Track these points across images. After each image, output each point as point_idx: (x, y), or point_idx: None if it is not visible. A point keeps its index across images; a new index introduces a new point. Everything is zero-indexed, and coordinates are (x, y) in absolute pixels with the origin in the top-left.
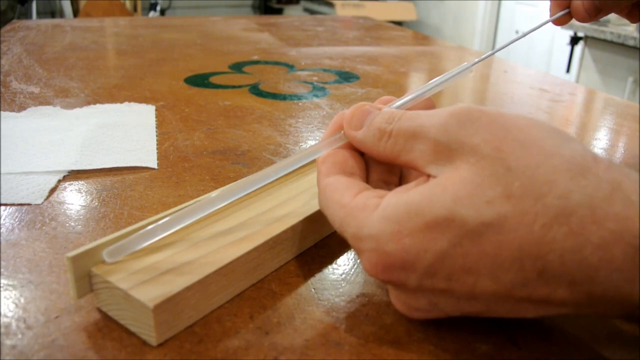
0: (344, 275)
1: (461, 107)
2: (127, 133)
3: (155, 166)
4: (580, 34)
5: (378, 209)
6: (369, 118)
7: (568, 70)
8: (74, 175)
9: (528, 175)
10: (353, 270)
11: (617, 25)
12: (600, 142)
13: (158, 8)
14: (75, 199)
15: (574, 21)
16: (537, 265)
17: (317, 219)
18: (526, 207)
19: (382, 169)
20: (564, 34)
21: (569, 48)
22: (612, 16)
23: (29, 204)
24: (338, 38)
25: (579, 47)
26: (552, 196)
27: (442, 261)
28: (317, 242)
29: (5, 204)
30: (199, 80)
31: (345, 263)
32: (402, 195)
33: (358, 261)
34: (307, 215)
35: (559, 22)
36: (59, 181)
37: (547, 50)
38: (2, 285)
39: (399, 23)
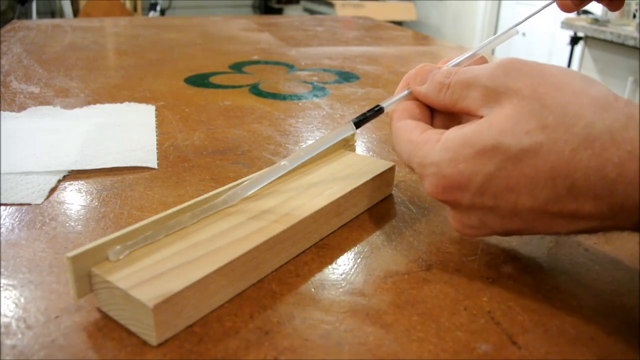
0: (344, 275)
1: (506, 59)
2: (127, 133)
3: (155, 166)
4: (580, 34)
5: (439, 142)
6: (431, 75)
7: None
8: (74, 175)
9: (560, 111)
10: (353, 270)
11: (617, 25)
12: None
13: (158, 8)
14: (75, 199)
15: (574, 21)
16: (567, 183)
17: (318, 219)
18: (558, 135)
19: (443, 117)
20: (564, 34)
21: (569, 48)
22: (612, 16)
23: (29, 204)
24: (338, 38)
25: (579, 47)
26: (579, 126)
27: (490, 182)
28: (317, 242)
29: (5, 204)
30: (199, 80)
31: (345, 263)
32: (458, 130)
33: (358, 261)
34: (307, 214)
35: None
36: (59, 181)
37: (547, 50)
38: (2, 285)
39: (399, 23)
